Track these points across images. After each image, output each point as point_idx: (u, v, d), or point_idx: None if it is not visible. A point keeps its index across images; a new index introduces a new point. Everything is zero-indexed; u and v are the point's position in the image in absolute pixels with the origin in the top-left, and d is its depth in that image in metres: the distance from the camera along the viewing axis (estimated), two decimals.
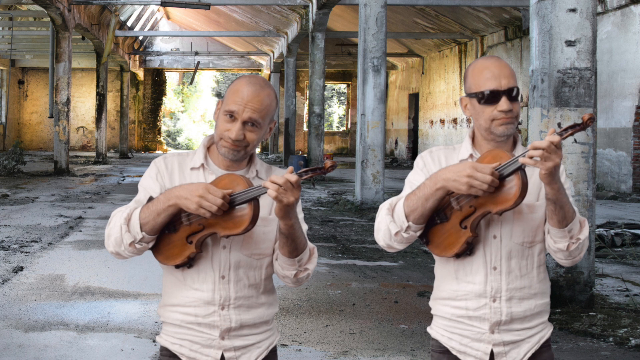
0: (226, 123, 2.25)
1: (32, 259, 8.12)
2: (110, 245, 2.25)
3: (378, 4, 13.10)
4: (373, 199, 13.02)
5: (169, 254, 2.25)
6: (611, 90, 16.87)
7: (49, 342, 5.11)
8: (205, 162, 2.33)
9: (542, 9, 6.06)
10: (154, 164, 2.36)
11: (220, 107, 2.29)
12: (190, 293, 2.30)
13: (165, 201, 2.16)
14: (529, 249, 2.30)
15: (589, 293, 6.10)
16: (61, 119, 20.83)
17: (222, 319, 2.29)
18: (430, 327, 2.45)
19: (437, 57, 29.25)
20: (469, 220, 2.20)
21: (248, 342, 2.33)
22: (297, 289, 6.86)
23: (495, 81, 2.23)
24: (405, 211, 2.24)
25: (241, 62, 39.38)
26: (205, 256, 2.28)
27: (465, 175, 2.11)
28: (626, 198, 15.43)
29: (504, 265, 2.29)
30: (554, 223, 2.18)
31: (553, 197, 2.12)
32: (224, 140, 2.26)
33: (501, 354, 2.31)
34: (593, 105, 6.01)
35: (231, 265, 2.29)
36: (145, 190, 2.31)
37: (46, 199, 14.35)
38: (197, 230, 2.20)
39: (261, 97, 2.25)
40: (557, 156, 2.03)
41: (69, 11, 21.11)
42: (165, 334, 2.36)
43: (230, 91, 2.27)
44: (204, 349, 2.31)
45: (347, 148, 38.82)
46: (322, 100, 20.43)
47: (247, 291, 2.32)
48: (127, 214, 2.22)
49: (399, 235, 2.28)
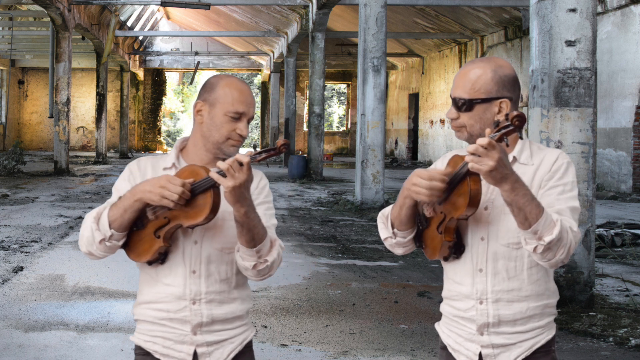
0: (231, 123, 2.32)
1: (32, 259, 8.12)
2: (82, 245, 2.30)
3: (378, 4, 13.10)
4: (373, 199, 13.02)
5: (139, 251, 2.29)
6: (611, 90, 16.87)
7: (49, 342, 5.11)
8: (177, 162, 2.39)
9: (542, 9, 6.06)
10: (127, 167, 2.44)
11: (208, 108, 2.34)
12: (162, 289, 2.34)
13: (130, 197, 2.22)
14: (516, 250, 2.26)
15: (589, 293, 6.10)
16: (61, 119, 20.83)
17: (193, 313, 2.32)
18: (438, 323, 2.48)
19: (437, 57, 29.25)
20: (442, 225, 2.24)
21: (220, 338, 2.36)
22: (297, 288, 6.86)
23: (453, 87, 2.33)
24: (391, 219, 2.36)
25: (241, 62, 39.38)
26: (176, 251, 2.32)
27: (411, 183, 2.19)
28: (626, 198, 15.43)
29: (490, 267, 2.27)
30: (517, 224, 2.13)
31: (507, 199, 2.08)
32: (232, 140, 2.33)
33: (489, 356, 2.29)
34: (593, 105, 6.01)
35: (202, 259, 2.33)
36: (118, 192, 2.36)
37: (46, 199, 14.35)
38: (164, 223, 2.25)
39: (252, 95, 2.38)
40: (489, 158, 1.98)
41: (69, 11, 21.11)
42: (139, 332, 2.39)
43: (225, 92, 2.33)
44: (177, 345, 2.34)
45: (347, 148, 38.82)
46: (322, 100, 20.43)
47: (218, 286, 2.35)
48: (97, 214, 2.27)
49: (389, 240, 2.38)
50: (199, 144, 2.37)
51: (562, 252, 2.13)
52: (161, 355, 2.35)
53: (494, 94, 2.25)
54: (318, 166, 20.35)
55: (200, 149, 2.37)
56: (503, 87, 2.26)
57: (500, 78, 2.25)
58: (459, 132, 2.32)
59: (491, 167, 1.98)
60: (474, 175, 2.10)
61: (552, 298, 2.33)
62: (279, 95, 33.83)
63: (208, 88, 2.36)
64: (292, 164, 20.89)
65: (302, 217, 12.27)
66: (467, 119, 2.27)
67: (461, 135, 2.32)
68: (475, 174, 2.10)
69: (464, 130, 2.29)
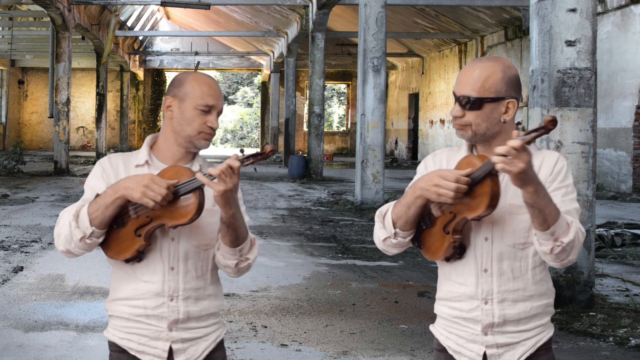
0: (201, 116, 2.34)
1: (32, 259, 8.12)
2: (60, 244, 2.29)
3: (378, 4, 13.10)
4: (373, 199, 13.02)
5: (118, 249, 2.30)
6: (611, 90, 16.87)
7: (49, 342, 5.11)
8: (150, 159, 2.40)
9: (542, 9, 6.06)
10: (98, 164, 2.42)
11: (178, 103, 2.36)
12: (140, 285, 2.35)
13: (112, 194, 2.21)
14: (521, 250, 2.28)
15: (589, 293, 6.10)
16: (61, 119, 20.83)
17: (171, 310, 2.35)
18: (433, 325, 2.47)
19: (437, 57, 29.25)
20: (451, 225, 2.23)
21: (195, 335, 2.39)
22: (297, 288, 6.86)
23: (457, 85, 2.29)
24: (392, 218, 2.31)
25: (241, 62, 39.38)
26: (154, 248, 2.34)
27: (433, 184, 2.16)
28: (626, 198, 15.43)
29: (495, 267, 2.28)
30: (535, 226, 2.16)
31: (530, 201, 2.10)
32: (204, 133, 2.35)
33: (494, 356, 2.30)
34: (593, 105, 6.01)
35: (180, 256, 2.36)
36: (92, 190, 2.35)
37: (46, 199, 14.36)
38: (145, 222, 2.25)
39: (220, 89, 2.41)
40: (520, 160, 2.00)
41: (69, 11, 21.11)
42: (113, 328, 2.40)
43: (194, 87, 2.35)
44: (152, 342, 2.36)
45: (347, 148, 38.82)
46: (322, 100, 20.43)
47: (195, 282, 2.38)
48: (75, 211, 2.26)
49: (388, 241, 2.35)
50: (170, 139, 2.39)
51: (574, 252, 2.19)
52: (137, 352, 2.36)
53: (502, 93, 2.25)
54: (318, 166, 20.35)
55: (171, 144, 2.39)
56: (511, 87, 2.27)
57: (509, 78, 2.26)
58: (462, 130, 2.29)
59: (521, 169, 2.00)
60: (494, 176, 2.12)
61: (551, 297, 2.37)
62: (279, 95, 33.83)
63: (176, 84, 2.39)
64: (292, 164, 20.88)
65: (302, 217, 12.27)
66: (473, 117, 2.25)
67: (464, 134, 2.29)
68: (495, 176, 2.12)
69: (469, 129, 2.27)
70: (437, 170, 2.18)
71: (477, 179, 2.14)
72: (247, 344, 5.11)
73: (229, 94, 55.88)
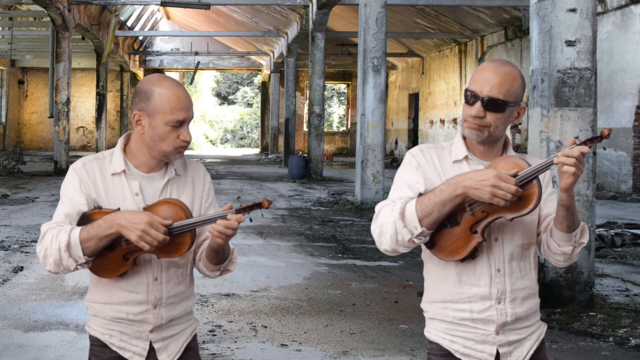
0: (173, 132, 2.31)
1: (32, 259, 8.12)
2: (48, 265, 2.27)
3: (378, 4, 13.10)
4: (373, 199, 13.02)
5: (104, 269, 2.31)
6: (611, 90, 16.87)
7: (49, 342, 5.11)
8: (126, 167, 2.38)
9: (542, 9, 6.06)
10: (74, 172, 2.37)
11: (148, 119, 2.30)
12: (125, 295, 2.37)
13: (106, 228, 2.21)
14: (526, 250, 2.35)
15: (589, 293, 6.10)
16: (61, 119, 20.83)
17: (155, 317, 2.39)
18: (427, 330, 2.41)
19: (437, 57, 29.25)
20: (480, 225, 2.20)
21: (175, 332, 2.45)
22: (297, 288, 6.87)
23: (479, 85, 2.24)
24: (418, 216, 2.17)
25: (241, 62, 39.38)
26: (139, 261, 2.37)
27: (489, 184, 2.10)
28: (626, 198, 15.43)
29: (507, 267, 2.31)
30: (563, 228, 2.22)
31: (568, 204, 2.18)
32: (179, 147, 2.34)
33: (506, 354, 2.33)
34: (593, 105, 6.01)
35: (163, 266, 2.39)
36: (72, 202, 2.32)
37: (46, 199, 14.35)
38: (134, 249, 2.27)
39: (189, 96, 2.35)
40: (583, 166, 2.12)
41: (69, 11, 21.11)
42: (95, 324, 2.42)
43: (162, 101, 2.29)
44: (134, 340, 2.40)
45: (347, 148, 38.82)
46: (322, 100, 20.43)
47: (176, 289, 2.43)
48: (66, 239, 2.22)
49: (411, 241, 2.20)
50: (143, 150, 2.37)
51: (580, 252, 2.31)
52: (117, 348, 2.39)
53: (519, 99, 2.29)
54: (318, 166, 20.35)
55: (144, 154, 2.38)
56: (523, 93, 2.32)
57: (524, 85, 2.32)
58: (479, 130, 2.26)
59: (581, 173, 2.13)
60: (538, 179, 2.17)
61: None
62: (279, 95, 33.83)
63: (143, 97, 2.31)
64: (292, 164, 20.88)
65: (302, 217, 12.27)
66: (494, 119, 2.25)
67: (480, 134, 2.26)
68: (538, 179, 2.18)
69: (486, 130, 2.26)
70: (490, 170, 2.13)
71: (526, 180, 2.15)
72: (247, 344, 5.12)
73: (228, 94, 55.85)
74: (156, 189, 2.38)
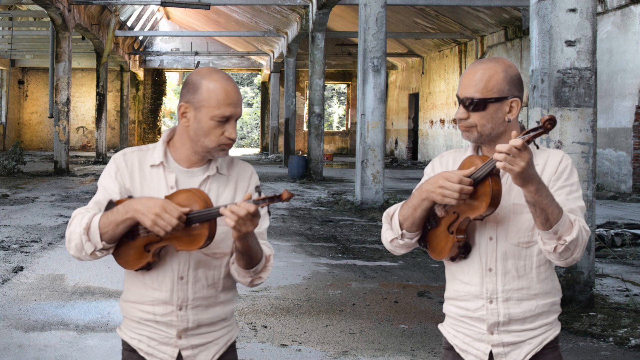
0: (218, 128, 2.24)
1: (32, 259, 8.12)
2: (71, 249, 2.26)
3: (378, 4, 13.10)
4: (373, 199, 13.02)
5: (127, 259, 2.27)
6: (611, 90, 16.87)
7: (49, 342, 5.11)
8: (165, 160, 2.33)
9: (542, 9, 6.06)
10: (113, 161, 2.35)
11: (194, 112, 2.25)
12: (149, 292, 2.31)
13: (123, 213, 2.17)
14: (526, 249, 2.30)
15: (589, 293, 6.10)
16: (61, 119, 20.83)
17: (180, 319, 2.31)
18: (442, 324, 2.49)
19: (437, 57, 29.25)
20: (455, 225, 2.25)
21: (206, 340, 2.34)
22: (297, 288, 6.87)
23: (461, 87, 2.30)
24: (399, 220, 2.34)
25: (241, 62, 39.38)
26: (164, 257, 2.29)
27: (437, 186, 2.18)
28: (626, 198, 15.43)
29: (500, 267, 2.30)
30: (537, 225, 2.17)
31: (531, 200, 2.12)
32: (223, 145, 2.27)
33: (500, 355, 2.32)
34: (593, 105, 6.01)
35: (190, 265, 2.30)
36: (105, 190, 2.31)
37: (46, 199, 14.35)
38: (155, 240, 2.22)
39: (238, 92, 2.30)
40: (521, 159, 2.02)
41: (69, 11, 21.11)
42: (126, 327, 2.38)
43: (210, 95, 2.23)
44: (161, 346, 2.32)
45: (347, 148, 38.81)
46: (322, 100, 20.43)
47: (205, 291, 2.33)
48: (86, 223, 2.21)
49: (395, 241, 2.37)
50: (187, 144, 2.31)
51: (578, 250, 2.20)
52: (145, 354, 2.34)
53: (505, 93, 2.26)
54: (318, 166, 20.35)
55: (187, 148, 2.32)
56: (513, 86, 2.28)
57: (511, 78, 2.28)
58: (468, 132, 2.30)
59: (522, 168, 2.03)
60: (495, 176, 2.14)
61: (557, 296, 2.38)
62: (279, 95, 33.83)
63: (191, 88, 2.26)
64: (292, 164, 20.88)
65: (302, 217, 12.27)
66: (478, 118, 2.27)
67: (470, 135, 2.30)
68: (496, 175, 2.14)
69: (474, 130, 2.28)
70: (442, 172, 2.20)
71: (479, 178, 2.15)
72: (247, 344, 5.11)
73: None
74: (193, 185, 2.30)
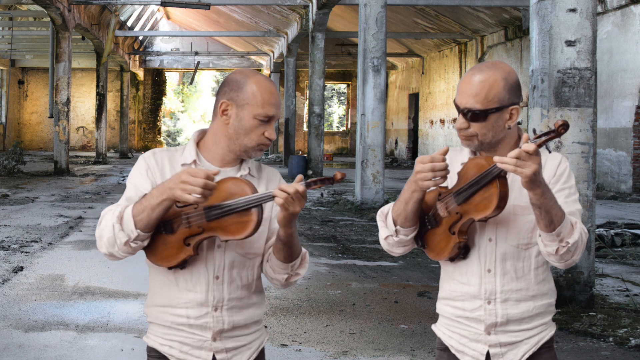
0: (259, 127, 2.23)
1: (32, 259, 8.12)
2: (103, 246, 2.18)
3: (378, 4, 13.10)
4: (373, 199, 13.02)
5: (164, 255, 2.19)
6: (611, 90, 16.87)
7: (49, 342, 5.11)
8: (198, 159, 2.30)
9: (542, 9, 6.06)
10: (142, 159, 2.30)
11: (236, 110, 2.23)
12: (183, 294, 2.25)
13: (158, 195, 2.10)
14: (525, 250, 2.30)
15: (589, 293, 6.10)
16: (61, 119, 20.83)
17: (215, 320, 2.26)
18: (436, 324, 2.48)
19: (437, 57, 29.25)
20: (457, 226, 2.25)
21: (240, 344, 2.31)
22: (297, 288, 6.86)
23: (460, 96, 2.28)
24: (393, 216, 2.34)
25: (241, 62, 39.37)
26: (199, 256, 2.23)
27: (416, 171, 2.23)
28: (626, 198, 15.43)
29: (499, 268, 2.30)
30: (541, 227, 2.18)
31: (537, 203, 2.13)
32: (262, 145, 2.26)
33: (497, 355, 2.32)
34: (593, 105, 6.01)
35: (225, 265, 2.26)
36: (136, 188, 2.24)
37: (46, 199, 14.35)
38: (196, 232, 2.16)
39: (279, 94, 2.30)
40: (532, 163, 2.03)
41: (69, 11, 21.11)
42: (154, 334, 2.31)
43: (254, 94, 2.23)
44: (195, 351, 2.27)
45: (347, 148, 38.82)
46: (322, 100, 20.43)
47: (240, 292, 2.29)
48: (119, 213, 2.14)
49: (390, 239, 2.37)
50: (222, 143, 2.27)
51: (578, 252, 2.22)
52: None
53: (506, 102, 2.25)
54: (318, 166, 20.35)
55: (222, 147, 2.28)
56: (513, 94, 2.27)
57: (511, 86, 2.26)
58: (469, 141, 2.29)
59: (534, 171, 2.04)
60: (502, 177, 2.14)
61: (553, 297, 2.40)
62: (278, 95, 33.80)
63: (234, 87, 2.24)
64: (292, 164, 20.89)
65: (302, 217, 12.27)
66: (479, 128, 2.26)
67: (471, 144, 2.29)
68: (503, 177, 2.14)
69: (475, 139, 2.27)
70: (417, 157, 2.23)
71: (485, 179, 2.16)
72: None
73: None
74: None
